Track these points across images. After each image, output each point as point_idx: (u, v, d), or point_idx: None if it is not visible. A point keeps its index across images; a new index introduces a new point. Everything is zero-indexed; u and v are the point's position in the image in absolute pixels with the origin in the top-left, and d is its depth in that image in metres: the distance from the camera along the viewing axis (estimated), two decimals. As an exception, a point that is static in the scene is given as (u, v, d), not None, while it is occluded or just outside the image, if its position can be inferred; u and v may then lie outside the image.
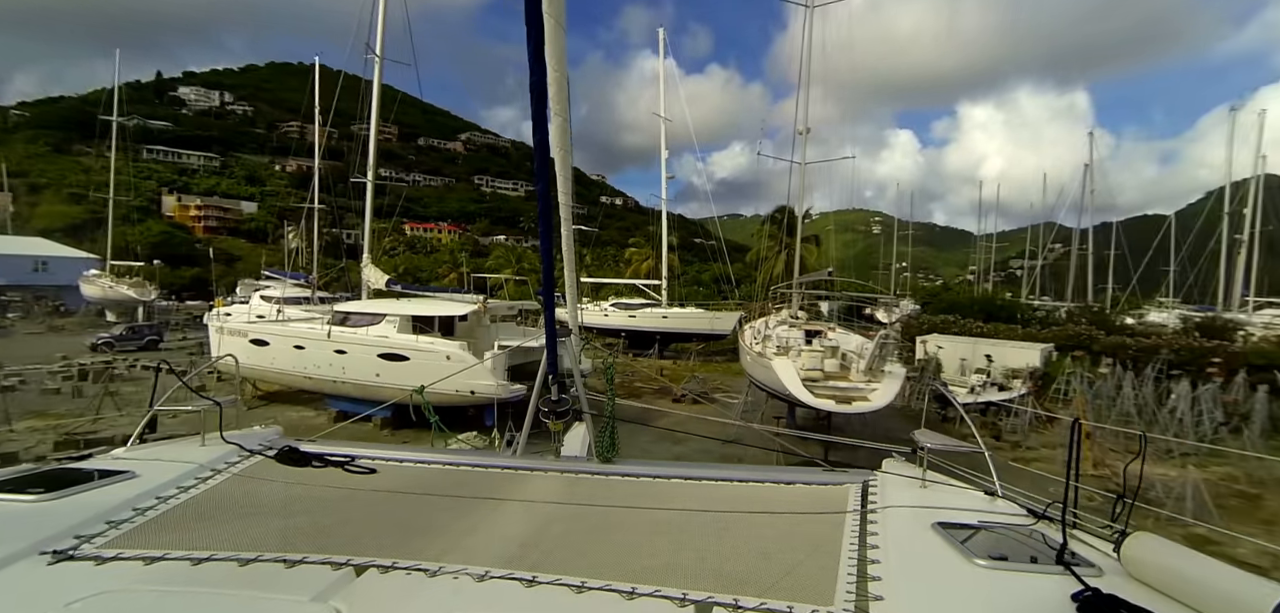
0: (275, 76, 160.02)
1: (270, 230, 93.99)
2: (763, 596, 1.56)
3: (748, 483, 2.74)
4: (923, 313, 32.08)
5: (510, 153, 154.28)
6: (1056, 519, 1.98)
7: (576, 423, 3.59)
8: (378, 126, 16.40)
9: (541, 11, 2.16)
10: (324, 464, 2.74)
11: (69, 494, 2.16)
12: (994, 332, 21.68)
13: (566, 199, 2.96)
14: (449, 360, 12.25)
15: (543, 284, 3.20)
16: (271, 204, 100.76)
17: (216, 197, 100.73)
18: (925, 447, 2.58)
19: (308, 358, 13.92)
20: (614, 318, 28.69)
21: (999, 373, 17.05)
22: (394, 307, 14.29)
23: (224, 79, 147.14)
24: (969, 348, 18.41)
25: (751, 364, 12.48)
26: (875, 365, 10.75)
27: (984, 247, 54.51)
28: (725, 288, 31.30)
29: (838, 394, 9.67)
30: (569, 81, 2.73)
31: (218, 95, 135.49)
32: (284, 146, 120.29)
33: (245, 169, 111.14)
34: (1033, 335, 21.27)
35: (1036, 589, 1.61)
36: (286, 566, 1.70)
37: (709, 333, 26.56)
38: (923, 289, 60.63)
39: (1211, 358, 16.46)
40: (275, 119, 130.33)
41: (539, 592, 1.59)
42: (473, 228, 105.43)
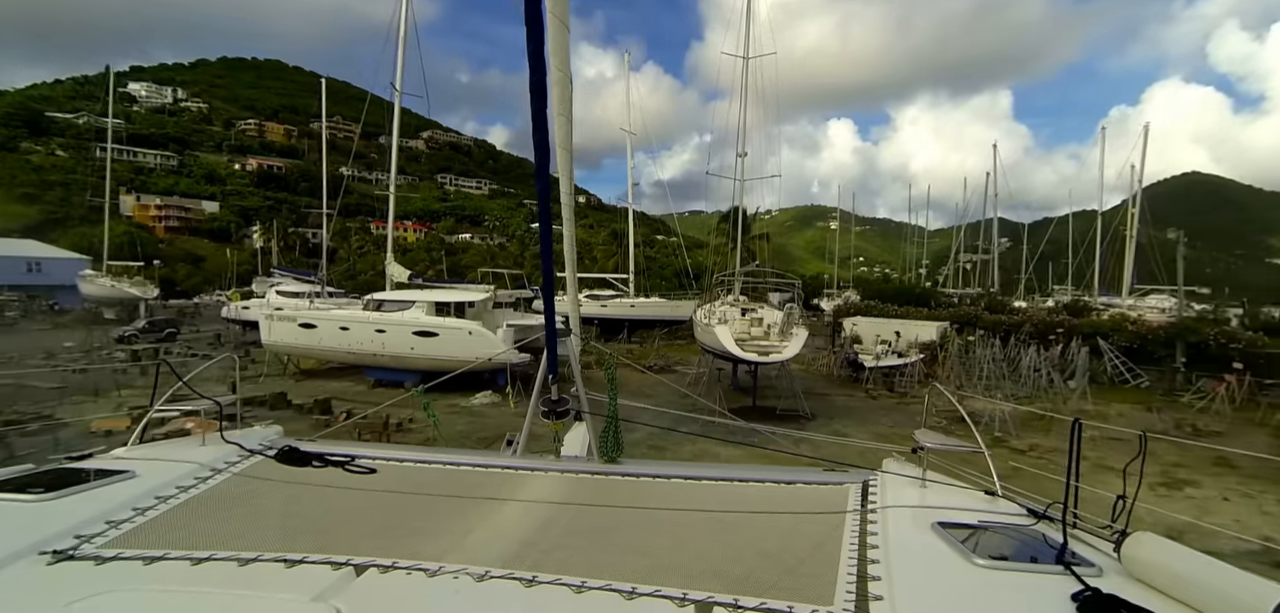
0: (228, 72, 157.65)
1: (234, 230, 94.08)
2: (763, 596, 1.55)
3: (748, 483, 2.73)
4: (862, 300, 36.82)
5: (473, 151, 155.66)
6: (1056, 519, 1.98)
7: (576, 423, 3.63)
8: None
9: (541, 11, 2.17)
10: (324, 464, 2.73)
11: (69, 494, 2.16)
12: (906, 314, 26.35)
13: (568, 199, 3.01)
14: (471, 336, 16.02)
15: (543, 283, 3.28)
16: (233, 203, 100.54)
17: (176, 196, 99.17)
18: (925, 447, 2.61)
19: (351, 337, 17.41)
20: (587, 307, 32.68)
21: (904, 345, 21.58)
22: (420, 295, 17.94)
23: (175, 75, 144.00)
24: (884, 326, 22.98)
25: (702, 333, 16.54)
26: (784, 329, 14.95)
27: (915, 241, 60.16)
28: (685, 281, 35.66)
29: (759, 350, 13.82)
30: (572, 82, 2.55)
31: (170, 92, 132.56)
32: (242, 146, 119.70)
33: (203, 168, 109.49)
34: (936, 316, 26.02)
35: (1036, 589, 1.61)
36: (286, 566, 1.70)
37: (671, 319, 30.70)
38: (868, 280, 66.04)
39: (1055, 329, 21.32)
40: (231, 117, 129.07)
41: (539, 592, 1.60)
42: (438, 226, 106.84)
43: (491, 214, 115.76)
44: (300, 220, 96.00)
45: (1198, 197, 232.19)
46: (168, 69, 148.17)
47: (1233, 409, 15.60)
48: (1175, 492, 9.93)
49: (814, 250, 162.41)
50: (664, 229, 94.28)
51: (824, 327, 28.46)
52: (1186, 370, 18.98)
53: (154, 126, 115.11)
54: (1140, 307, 30.40)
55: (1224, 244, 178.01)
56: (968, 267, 53.46)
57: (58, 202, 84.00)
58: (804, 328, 15.02)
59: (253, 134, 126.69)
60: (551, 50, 2.28)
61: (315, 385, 17.98)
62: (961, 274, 53.59)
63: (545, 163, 2.67)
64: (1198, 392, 16.81)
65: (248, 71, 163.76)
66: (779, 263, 58.12)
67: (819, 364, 22.82)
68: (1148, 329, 21.19)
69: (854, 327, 22.41)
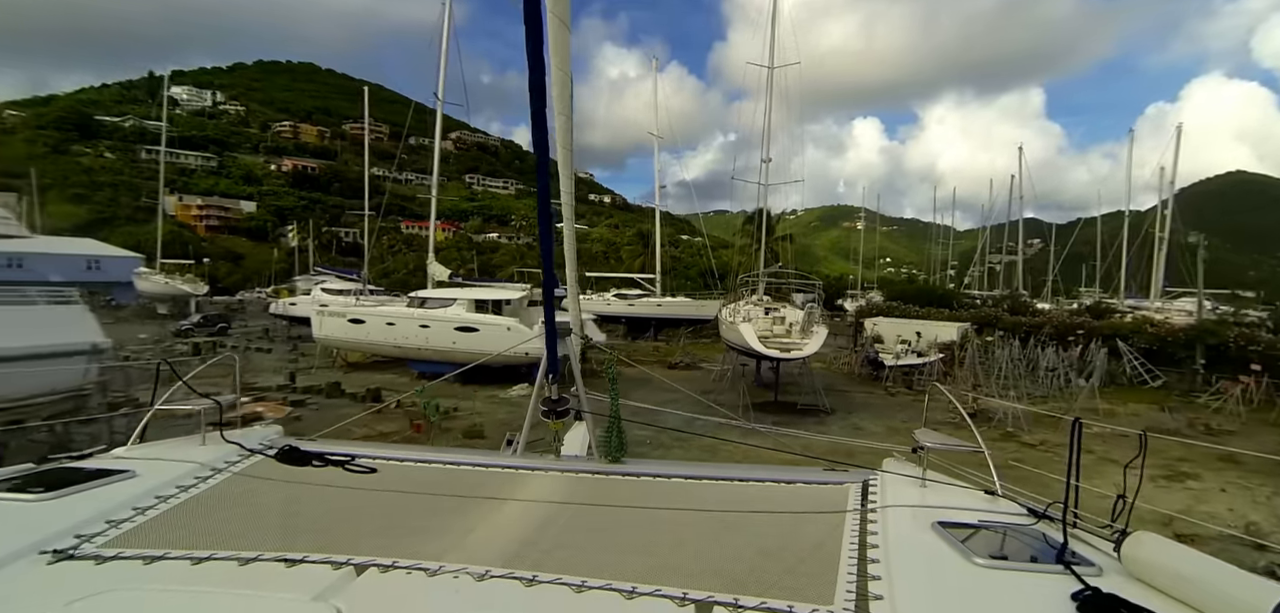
0: (264, 76, 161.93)
1: (270, 229, 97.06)
2: (763, 595, 1.56)
3: (748, 483, 2.73)
4: (885, 301, 37.24)
5: (499, 152, 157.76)
6: (1057, 519, 1.98)
7: (576, 423, 3.63)
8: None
9: (541, 10, 2.18)
10: (324, 464, 2.74)
11: (69, 494, 2.16)
12: (927, 315, 26.85)
13: (569, 199, 3.01)
14: (509, 331, 17.09)
15: (543, 283, 3.28)
16: (270, 203, 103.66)
17: (216, 196, 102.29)
18: (925, 446, 2.59)
19: (397, 331, 18.61)
20: (615, 306, 33.73)
21: (925, 345, 22.15)
22: (460, 293, 19.09)
23: (214, 78, 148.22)
24: (905, 327, 23.58)
25: (726, 331, 17.39)
26: (805, 327, 15.74)
27: (941, 242, 60.07)
28: (710, 281, 36.51)
29: (781, 347, 14.64)
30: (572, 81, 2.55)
31: (210, 95, 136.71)
32: (278, 147, 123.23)
33: (241, 169, 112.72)
34: (958, 317, 26.48)
35: (1036, 589, 1.62)
36: (286, 565, 1.71)
37: (696, 318, 31.55)
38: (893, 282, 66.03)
39: (1074, 331, 21.70)
40: (267, 119, 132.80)
41: (539, 591, 1.60)
42: (466, 226, 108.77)
43: (518, 214, 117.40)
44: (333, 220, 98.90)
45: (1240, 196, 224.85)
46: (207, 73, 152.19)
47: (1249, 410, 15.94)
48: (1175, 483, 10.54)
49: (839, 251, 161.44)
50: (689, 229, 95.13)
51: (846, 327, 29.06)
52: (1205, 372, 19.27)
53: (195, 129, 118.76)
54: (1167, 309, 30.39)
55: (1268, 246, 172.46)
56: (996, 268, 53.31)
57: (106, 202, 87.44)
58: (824, 326, 15.78)
59: (287, 135, 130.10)
60: (552, 49, 2.30)
61: (364, 377, 19.21)
62: (989, 276, 53.47)
63: (545, 162, 2.68)
64: (1215, 392, 17.16)
65: (282, 75, 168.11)
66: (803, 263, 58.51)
67: (840, 363, 23.48)
68: (1168, 331, 21.47)
69: (875, 327, 23.03)
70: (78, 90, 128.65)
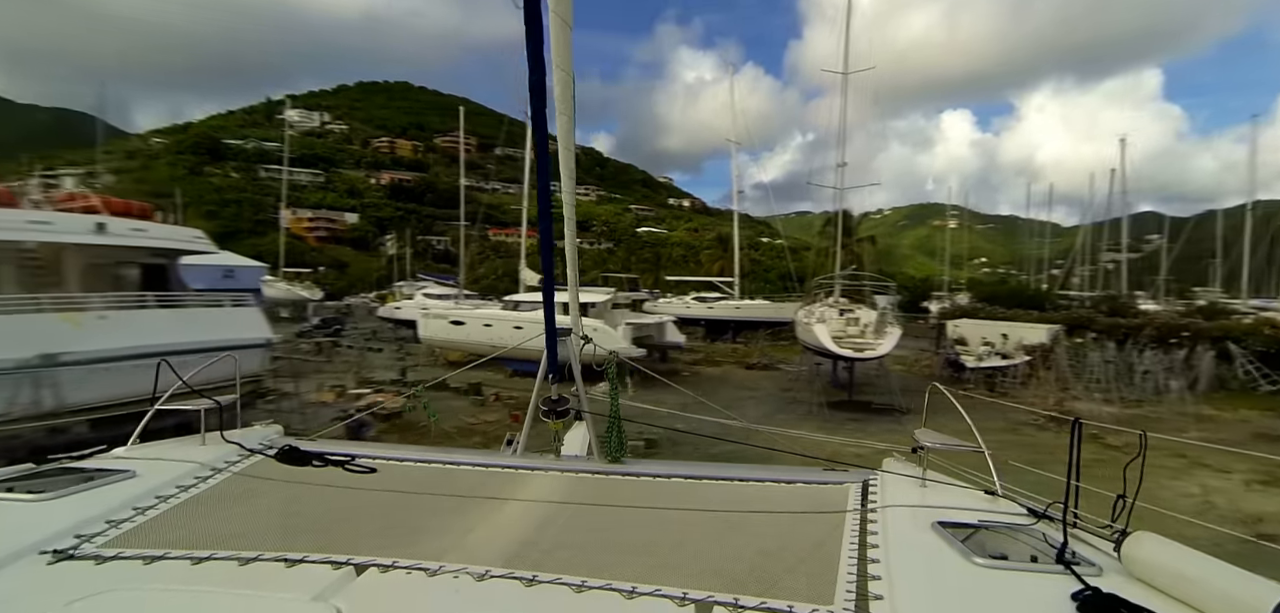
0: (364, 95, 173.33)
1: (371, 238, 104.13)
2: (763, 595, 1.58)
3: (748, 483, 2.73)
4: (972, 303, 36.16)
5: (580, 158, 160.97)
6: (1057, 519, 1.98)
7: (576, 423, 3.65)
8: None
9: (541, 10, 2.17)
10: (324, 464, 2.74)
11: (69, 493, 2.17)
12: (1015, 317, 26.11)
13: (570, 198, 3.01)
14: (596, 332, 18.35)
15: (543, 283, 3.34)
16: (370, 214, 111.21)
17: (324, 210, 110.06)
18: (925, 446, 2.60)
19: (494, 333, 20.33)
20: (694, 309, 34.64)
21: (1012, 347, 21.74)
22: (551, 297, 20.62)
23: (321, 100, 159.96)
24: (990, 328, 23.18)
25: (802, 331, 17.92)
26: (879, 328, 16.06)
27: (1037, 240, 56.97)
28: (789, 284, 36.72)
29: (855, 347, 15.08)
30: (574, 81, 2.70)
31: (318, 117, 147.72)
32: (376, 161, 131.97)
33: (345, 183, 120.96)
34: (1049, 319, 25.59)
35: (1036, 589, 1.63)
36: (286, 565, 1.72)
37: (775, 320, 31.92)
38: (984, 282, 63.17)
39: (1178, 333, 20.65)
40: (367, 136, 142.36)
41: (539, 591, 1.61)
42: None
43: (599, 219, 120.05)
44: (426, 229, 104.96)
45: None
46: (314, 95, 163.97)
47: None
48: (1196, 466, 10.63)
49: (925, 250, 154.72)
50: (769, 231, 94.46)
51: (928, 329, 28.64)
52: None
53: (305, 148, 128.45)
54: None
55: None
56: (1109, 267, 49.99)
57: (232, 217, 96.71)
58: (898, 327, 16.05)
59: (385, 150, 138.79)
60: (553, 49, 2.29)
61: (464, 374, 21.10)
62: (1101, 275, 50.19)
63: (545, 163, 2.64)
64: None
65: (380, 94, 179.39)
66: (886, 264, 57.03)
67: (921, 365, 23.35)
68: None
69: (956, 329, 22.77)
70: (209, 117, 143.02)
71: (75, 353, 7.98)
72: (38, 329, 8.15)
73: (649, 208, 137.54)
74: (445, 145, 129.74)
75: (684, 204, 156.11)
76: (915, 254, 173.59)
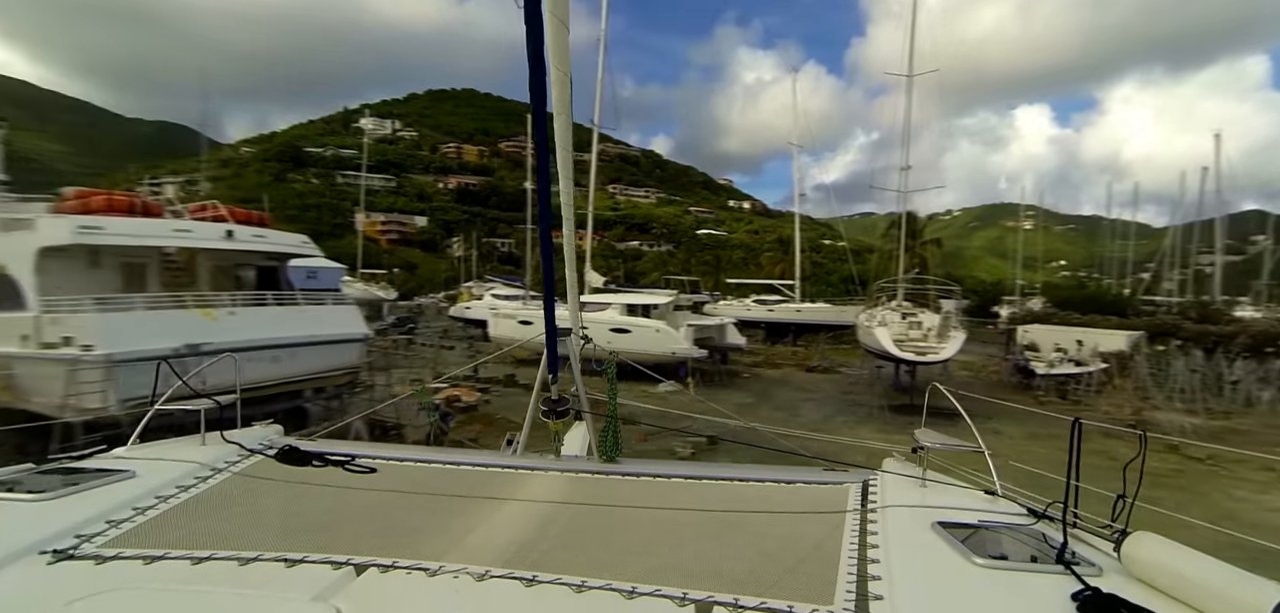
0: (433, 103, 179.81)
1: (439, 240, 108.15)
2: (763, 595, 1.58)
3: (748, 483, 2.74)
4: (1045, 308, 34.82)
5: (640, 161, 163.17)
6: (1057, 519, 1.98)
7: (577, 423, 3.66)
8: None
9: (541, 11, 2.20)
10: (324, 464, 2.75)
11: (69, 493, 2.17)
12: (1092, 322, 25.14)
13: (568, 198, 3.08)
14: (658, 333, 19.00)
15: (543, 282, 3.34)
16: (438, 217, 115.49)
17: (396, 213, 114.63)
18: (925, 446, 2.61)
19: (558, 333, 21.32)
20: (754, 312, 34.83)
21: (1087, 354, 21.07)
22: (614, 298, 21.39)
23: (393, 108, 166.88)
24: (1064, 334, 22.50)
25: (863, 335, 17.99)
26: (942, 332, 16.00)
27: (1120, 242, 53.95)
28: (851, 287, 36.39)
29: (917, 350, 15.13)
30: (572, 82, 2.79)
31: (390, 125, 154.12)
32: (444, 166, 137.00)
33: (415, 188, 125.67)
34: (1130, 325, 24.52)
35: (1036, 589, 1.63)
36: (286, 565, 1.72)
37: (836, 323, 31.74)
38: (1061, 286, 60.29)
39: (1276, 341, 19.53)
40: (435, 142, 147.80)
41: (539, 591, 1.62)
42: (609, 234, 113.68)
43: (659, 222, 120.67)
44: (491, 231, 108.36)
45: None
46: (387, 104, 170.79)
47: None
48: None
49: (997, 252, 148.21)
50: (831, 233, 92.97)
51: (997, 335, 27.89)
52: None
53: (378, 155, 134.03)
54: None
55: None
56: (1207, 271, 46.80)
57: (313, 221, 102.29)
58: (962, 331, 15.95)
59: (452, 156, 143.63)
60: (551, 49, 2.33)
61: (531, 371, 22.13)
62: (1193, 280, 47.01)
63: (545, 163, 2.63)
64: None
65: (447, 101, 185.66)
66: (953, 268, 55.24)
67: (988, 370, 22.88)
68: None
69: (1027, 334, 22.20)
70: (291, 127, 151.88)
71: (212, 343, 9.22)
72: (183, 323, 9.47)
73: (709, 210, 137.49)
74: (510, 150, 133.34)
75: (744, 206, 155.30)
76: (985, 256, 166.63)
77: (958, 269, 62.35)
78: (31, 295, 9.25)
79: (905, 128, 21.06)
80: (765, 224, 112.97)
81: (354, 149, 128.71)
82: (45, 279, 9.38)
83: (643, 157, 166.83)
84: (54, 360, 8.32)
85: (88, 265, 10.13)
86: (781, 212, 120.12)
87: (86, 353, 8.24)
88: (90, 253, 10.12)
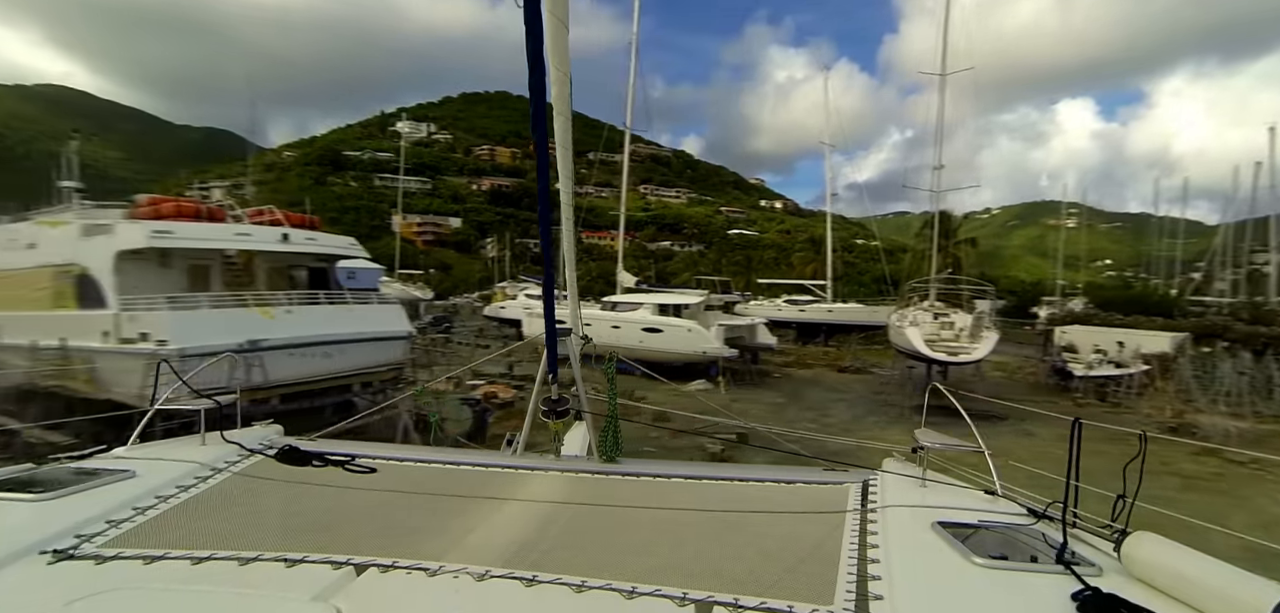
0: (466, 106, 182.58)
1: (472, 241, 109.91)
2: (763, 595, 1.58)
3: (748, 483, 2.74)
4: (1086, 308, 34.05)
5: (671, 162, 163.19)
6: (1057, 519, 1.98)
7: (577, 423, 3.64)
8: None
9: (541, 11, 2.19)
10: (324, 464, 2.75)
11: (69, 493, 2.17)
12: (1135, 323, 24.58)
13: (568, 198, 3.06)
14: (689, 333, 19.29)
15: (543, 283, 3.38)
16: (472, 218, 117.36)
17: (431, 215, 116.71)
18: (925, 446, 2.62)
19: (592, 332, 21.69)
20: (786, 312, 34.85)
21: (1129, 355, 20.66)
22: (646, 298, 21.76)
23: (428, 111, 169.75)
24: (1105, 336, 22.09)
25: (894, 335, 17.99)
26: (975, 332, 15.93)
27: (1167, 240, 52.21)
28: (884, 287, 36.08)
29: (949, 350, 15.12)
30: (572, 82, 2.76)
31: (425, 128, 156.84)
32: (478, 168, 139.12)
33: (449, 189, 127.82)
34: (1176, 326, 23.90)
35: (1036, 589, 1.63)
36: (286, 565, 1.72)
37: (868, 324, 31.55)
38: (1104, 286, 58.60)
39: (1327, 343, 18.89)
40: (469, 144, 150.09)
41: (539, 591, 1.62)
42: (640, 235, 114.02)
43: (690, 222, 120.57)
44: (524, 232, 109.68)
45: None
46: (422, 107, 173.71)
47: None
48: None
49: (1037, 251, 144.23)
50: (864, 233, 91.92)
51: (1035, 336, 27.44)
52: None
53: (413, 157, 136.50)
54: None
55: None
56: (1265, 270, 44.77)
57: (351, 222, 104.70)
58: (995, 331, 15.86)
59: (486, 158, 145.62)
60: (551, 49, 2.33)
61: (565, 371, 22.65)
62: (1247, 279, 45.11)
63: (545, 164, 2.65)
64: None
65: (481, 104, 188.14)
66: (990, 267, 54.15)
67: (1024, 372, 22.57)
68: None
69: (1064, 335, 21.86)
70: (330, 131, 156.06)
71: (271, 340, 9.90)
72: (244, 320, 10.15)
73: (740, 210, 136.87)
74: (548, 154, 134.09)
75: (776, 206, 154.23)
76: (1025, 255, 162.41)
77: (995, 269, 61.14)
78: (111, 295, 10.04)
79: (938, 127, 20.98)
80: (797, 224, 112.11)
81: (390, 152, 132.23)
82: (122, 280, 10.15)
83: (674, 157, 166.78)
84: (133, 355, 9.02)
85: (159, 266, 10.92)
86: (814, 211, 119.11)
87: (161, 348, 8.93)
88: (161, 255, 10.91)
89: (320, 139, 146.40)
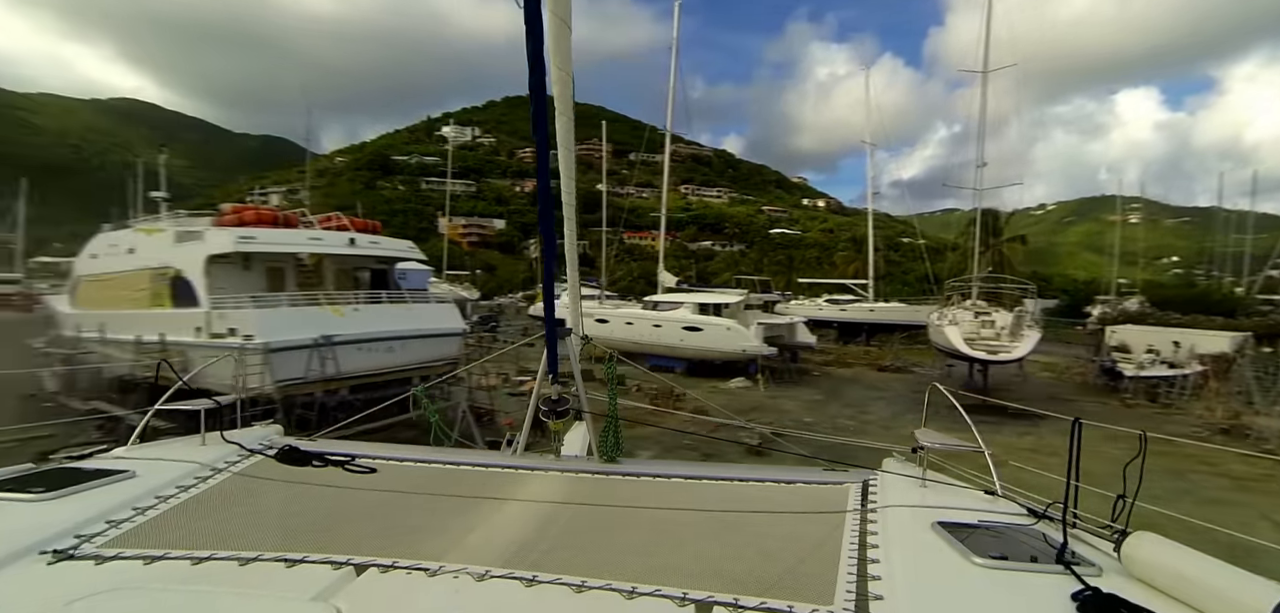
0: (510, 110, 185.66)
1: (516, 242, 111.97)
2: (763, 595, 1.58)
3: (748, 483, 2.74)
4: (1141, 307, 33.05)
5: (712, 161, 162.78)
6: (1057, 519, 1.99)
7: (577, 423, 3.65)
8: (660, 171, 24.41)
9: (541, 11, 2.18)
10: (324, 464, 2.75)
11: (69, 493, 2.17)
12: (1193, 323, 23.84)
13: (570, 198, 3.05)
14: (729, 331, 19.71)
15: (543, 283, 3.38)
16: (516, 220, 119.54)
17: (475, 217, 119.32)
18: (925, 446, 2.62)
19: (635, 330, 22.35)
20: (826, 311, 34.85)
21: (1185, 356, 20.14)
22: (687, 297, 22.28)
23: (473, 116, 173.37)
24: (1159, 336, 21.57)
25: (934, 334, 18.02)
26: (1015, 330, 15.88)
27: (1235, 235, 49.79)
28: (928, 286, 35.66)
29: (989, 349, 15.15)
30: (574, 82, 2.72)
31: (470, 132, 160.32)
32: (521, 170, 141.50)
33: (494, 192, 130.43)
34: (1238, 326, 23.10)
35: (1036, 589, 1.63)
36: (286, 565, 1.72)
37: (910, 323, 31.30)
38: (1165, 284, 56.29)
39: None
40: (512, 147, 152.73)
41: (539, 591, 1.62)
42: (681, 235, 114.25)
43: (731, 221, 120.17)
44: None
45: None
46: (467, 111, 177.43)
47: None
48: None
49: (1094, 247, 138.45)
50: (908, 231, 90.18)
51: (1086, 335, 26.83)
52: None
53: (459, 161, 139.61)
54: None
55: None
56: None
57: (399, 225, 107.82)
58: (1037, 330, 15.79)
59: (529, 160, 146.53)
60: (552, 49, 2.30)
61: (602, 366, 23.34)
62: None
63: (545, 164, 2.63)
64: None
65: (523, 107, 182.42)
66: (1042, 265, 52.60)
67: (1072, 372, 22.19)
68: None
69: (1115, 335, 21.44)
70: (379, 137, 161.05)
71: (342, 335, 10.85)
72: (318, 318, 11.15)
73: (782, 209, 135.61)
74: (584, 153, 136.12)
75: (819, 204, 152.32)
76: (1081, 252, 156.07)
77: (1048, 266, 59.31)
78: (203, 294, 11.13)
79: (980, 123, 20.84)
80: (840, 222, 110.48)
81: (437, 156, 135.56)
82: (212, 281, 11.23)
83: (715, 156, 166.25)
84: (223, 349, 10.03)
85: (241, 269, 12.03)
86: (857, 209, 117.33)
87: (248, 342, 9.92)
88: (244, 259, 12.02)
89: (370, 144, 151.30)
